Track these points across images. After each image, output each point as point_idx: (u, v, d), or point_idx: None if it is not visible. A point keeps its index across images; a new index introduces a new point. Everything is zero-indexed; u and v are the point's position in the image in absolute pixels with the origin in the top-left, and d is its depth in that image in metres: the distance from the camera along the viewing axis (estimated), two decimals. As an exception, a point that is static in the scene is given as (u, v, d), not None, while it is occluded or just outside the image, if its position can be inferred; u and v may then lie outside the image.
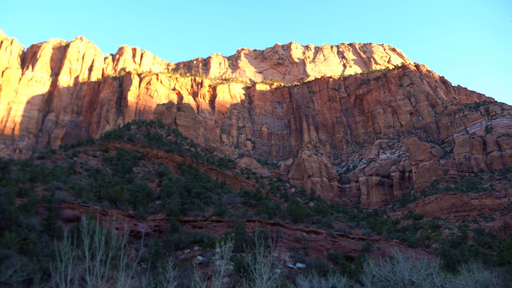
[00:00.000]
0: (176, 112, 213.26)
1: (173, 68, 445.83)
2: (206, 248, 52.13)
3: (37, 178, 70.06)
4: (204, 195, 76.82)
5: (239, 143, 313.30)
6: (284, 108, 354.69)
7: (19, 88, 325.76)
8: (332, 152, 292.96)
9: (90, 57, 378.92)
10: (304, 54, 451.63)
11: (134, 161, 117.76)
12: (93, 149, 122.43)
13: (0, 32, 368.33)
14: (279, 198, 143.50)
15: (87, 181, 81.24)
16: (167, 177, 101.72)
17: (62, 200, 57.49)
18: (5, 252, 34.95)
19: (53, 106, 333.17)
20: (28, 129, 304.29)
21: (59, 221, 52.52)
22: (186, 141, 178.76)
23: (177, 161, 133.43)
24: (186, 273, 39.79)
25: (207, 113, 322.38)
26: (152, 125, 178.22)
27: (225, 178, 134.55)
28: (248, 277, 27.95)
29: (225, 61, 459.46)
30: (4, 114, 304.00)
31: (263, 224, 61.09)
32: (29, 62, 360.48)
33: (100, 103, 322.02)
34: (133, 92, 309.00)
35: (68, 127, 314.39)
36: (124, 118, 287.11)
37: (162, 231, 61.23)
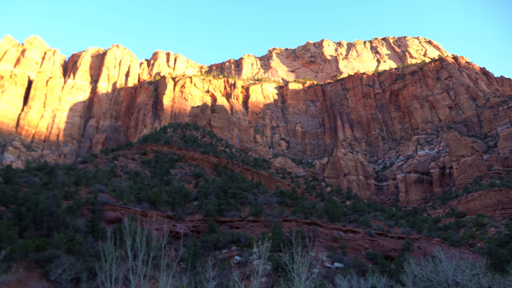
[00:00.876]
0: (210, 114, 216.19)
1: (206, 70, 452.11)
2: (244, 248, 52.55)
3: (81, 182, 73.12)
4: (240, 195, 77.45)
5: (273, 143, 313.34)
6: (317, 106, 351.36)
7: (62, 96, 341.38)
8: (368, 150, 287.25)
9: (126, 63, 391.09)
10: (336, 51, 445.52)
11: (171, 163, 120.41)
12: (132, 153, 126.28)
13: (44, 44, 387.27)
14: (315, 197, 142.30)
15: (127, 184, 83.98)
16: (203, 178, 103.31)
17: (105, 202, 59.69)
18: (54, 252, 36.74)
19: (94, 112, 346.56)
20: (71, 135, 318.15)
21: (102, 223, 54.57)
22: (221, 142, 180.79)
23: (212, 162, 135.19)
24: (225, 273, 40.32)
25: (241, 114, 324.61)
26: (187, 128, 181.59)
27: (260, 178, 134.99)
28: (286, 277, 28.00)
29: (257, 61, 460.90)
30: (49, 122, 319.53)
31: (299, 223, 60.87)
32: (70, 70, 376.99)
33: (137, 108, 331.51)
34: (168, 96, 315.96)
35: (108, 132, 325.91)
36: (160, 121, 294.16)
37: (200, 231, 62.29)
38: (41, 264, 36.40)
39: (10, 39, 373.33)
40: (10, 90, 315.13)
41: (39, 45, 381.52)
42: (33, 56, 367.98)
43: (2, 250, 29.39)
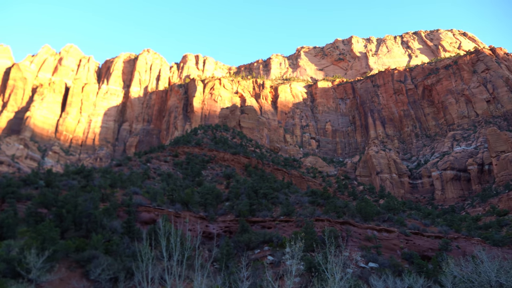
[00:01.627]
0: (239, 115, 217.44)
1: (234, 71, 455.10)
2: (276, 248, 52.51)
3: (116, 184, 75.29)
4: (271, 195, 77.47)
5: (303, 142, 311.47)
6: (347, 104, 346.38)
7: (96, 102, 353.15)
8: (400, 147, 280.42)
9: (157, 67, 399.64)
10: (365, 48, 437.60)
11: (202, 164, 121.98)
12: (164, 155, 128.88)
13: (79, 51, 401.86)
14: (347, 196, 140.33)
15: (160, 185, 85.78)
16: (234, 179, 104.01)
17: (139, 204, 61.20)
18: (93, 253, 38.02)
19: (127, 116, 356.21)
20: (106, 139, 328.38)
21: (137, 224, 55.98)
22: (251, 143, 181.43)
23: (243, 163, 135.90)
24: (258, 273, 40.41)
25: (270, 114, 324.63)
26: (217, 129, 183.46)
27: (291, 178, 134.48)
28: (319, 277, 27.75)
29: (285, 60, 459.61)
30: (85, 127, 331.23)
31: (332, 223, 60.22)
32: (104, 76, 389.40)
33: (168, 111, 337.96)
34: (198, 98, 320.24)
35: (140, 135, 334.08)
36: (191, 123, 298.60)
37: (232, 231, 62.76)
38: (81, 264, 37.76)
39: (49, 48, 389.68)
40: (49, 97, 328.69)
41: (74, 53, 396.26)
42: (69, 64, 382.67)
43: (46, 251, 30.71)
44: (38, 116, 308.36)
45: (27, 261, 29.65)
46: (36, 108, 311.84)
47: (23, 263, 30.59)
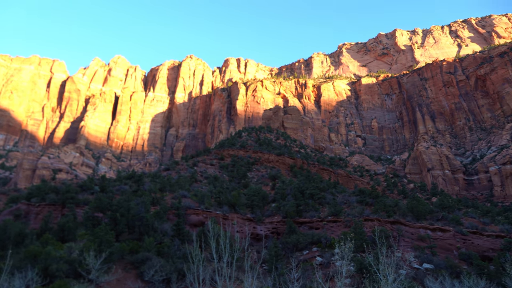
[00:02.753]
0: (283, 116, 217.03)
1: (276, 73, 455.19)
2: (325, 248, 51.80)
3: (165, 188, 77.68)
4: (318, 195, 76.59)
5: (348, 141, 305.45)
6: (393, 99, 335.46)
7: (144, 109, 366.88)
8: (453, 142, 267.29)
9: (200, 72, 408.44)
10: (410, 40, 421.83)
11: (247, 166, 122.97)
12: (210, 158, 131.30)
13: (126, 62, 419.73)
14: (396, 195, 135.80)
15: (208, 188, 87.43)
16: (280, 180, 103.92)
17: (188, 207, 62.70)
18: (146, 255, 39.42)
19: (173, 122, 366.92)
20: (154, 144, 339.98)
21: (186, 226, 57.39)
22: (295, 143, 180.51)
23: (288, 164, 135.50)
24: (307, 274, 40.03)
25: (314, 113, 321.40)
26: (261, 131, 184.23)
27: (337, 178, 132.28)
28: (371, 278, 27.00)
29: (326, 59, 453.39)
30: (134, 133, 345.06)
31: (382, 222, 58.51)
32: (150, 84, 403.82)
33: (212, 115, 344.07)
34: (241, 101, 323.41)
35: (186, 140, 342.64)
36: (235, 126, 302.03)
37: (279, 233, 62.68)
38: (135, 265, 39.27)
39: (98, 60, 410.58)
40: (101, 107, 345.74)
41: (122, 64, 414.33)
42: (117, 74, 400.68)
43: (103, 253, 32.24)
44: (92, 125, 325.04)
45: (87, 263, 31.26)
46: (89, 117, 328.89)
47: (83, 264, 32.29)
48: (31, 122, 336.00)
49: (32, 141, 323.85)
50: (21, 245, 43.21)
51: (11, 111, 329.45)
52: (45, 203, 65.12)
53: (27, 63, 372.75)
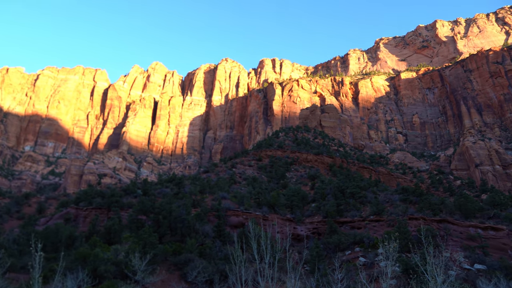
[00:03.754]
0: (320, 115, 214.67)
1: (312, 71, 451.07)
2: (368, 249, 50.57)
3: (205, 190, 78.81)
4: (358, 194, 75.02)
5: (389, 138, 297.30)
6: (436, 93, 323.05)
7: (182, 113, 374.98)
8: (503, 135, 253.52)
9: (236, 75, 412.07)
10: (452, 31, 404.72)
11: (286, 166, 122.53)
12: (248, 159, 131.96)
13: (164, 67, 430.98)
14: (442, 192, 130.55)
15: (247, 189, 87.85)
16: (319, 179, 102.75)
17: (228, 208, 63.23)
18: (189, 256, 40.06)
19: (210, 124, 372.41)
20: (193, 147, 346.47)
21: (227, 227, 57.87)
22: (334, 142, 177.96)
23: (327, 163, 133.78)
24: (350, 275, 39.19)
25: (351, 111, 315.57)
26: (298, 130, 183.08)
27: (378, 176, 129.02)
28: (418, 279, 25.98)
29: (363, 55, 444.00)
30: (174, 137, 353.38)
31: (427, 221, 56.34)
32: (187, 88, 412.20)
33: (249, 116, 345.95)
34: (277, 101, 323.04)
35: (224, 142, 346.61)
36: (272, 126, 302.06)
37: (320, 233, 61.87)
38: (178, 266, 40.02)
39: (137, 67, 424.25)
40: (141, 112, 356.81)
41: (160, 70, 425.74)
42: (156, 80, 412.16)
43: (147, 254, 33.06)
44: (133, 130, 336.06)
45: (133, 264, 32.16)
46: (130, 123, 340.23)
47: (129, 266, 33.27)
48: (77, 130, 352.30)
49: (78, 148, 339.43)
50: (72, 247, 45.20)
51: (59, 120, 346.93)
52: (92, 207, 67.92)
53: (72, 74, 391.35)
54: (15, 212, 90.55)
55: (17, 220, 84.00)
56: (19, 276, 35.47)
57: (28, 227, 63.04)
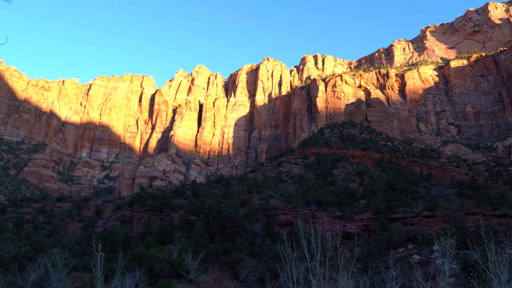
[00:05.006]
0: (366, 109, 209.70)
1: (355, 65, 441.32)
2: (422, 246, 48.80)
3: (252, 189, 79.56)
4: (410, 190, 72.55)
5: (440, 130, 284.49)
6: (490, 81, 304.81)
7: (227, 114, 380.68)
8: None
9: (278, 73, 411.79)
10: (507, 12, 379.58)
11: (332, 163, 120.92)
12: (294, 158, 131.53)
13: (207, 70, 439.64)
14: (502, 185, 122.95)
15: (294, 188, 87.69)
16: (367, 175, 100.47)
17: (276, 207, 63.47)
18: (239, 255, 40.69)
19: (255, 124, 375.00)
20: (239, 148, 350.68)
21: (275, 226, 58.10)
22: (381, 137, 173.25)
23: (375, 158, 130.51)
24: (405, 273, 38.03)
25: (399, 104, 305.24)
26: (344, 126, 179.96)
27: (430, 170, 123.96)
28: (479, 278, 24.75)
29: (408, 45, 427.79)
30: (219, 138, 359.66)
31: (487, 216, 53.46)
32: (230, 89, 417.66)
33: (293, 114, 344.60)
34: (321, 98, 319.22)
35: (269, 141, 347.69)
36: (317, 123, 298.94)
37: (371, 230, 60.52)
38: (230, 265, 40.77)
39: (182, 72, 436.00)
40: (187, 115, 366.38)
41: (203, 72, 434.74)
42: (200, 83, 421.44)
43: (199, 254, 33.98)
44: (180, 133, 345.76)
45: (186, 264, 33.20)
46: (177, 126, 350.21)
47: (182, 265, 34.37)
48: (128, 135, 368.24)
49: (130, 152, 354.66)
50: (128, 248, 47.35)
51: (111, 127, 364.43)
52: (145, 209, 70.77)
53: (121, 81, 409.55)
54: (76, 215, 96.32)
55: (78, 223, 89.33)
56: (82, 275, 37.74)
57: (88, 229, 66.84)
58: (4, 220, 79.14)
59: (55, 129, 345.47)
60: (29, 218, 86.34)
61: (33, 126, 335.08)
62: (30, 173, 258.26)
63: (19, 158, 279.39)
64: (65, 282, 27.00)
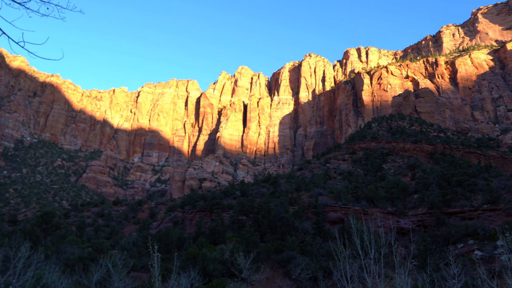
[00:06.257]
0: (414, 100, 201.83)
1: (401, 56, 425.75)
2: (483, 241, 46.12)
3: (301, 187, 79.10)
4: (467, 182, 68.85)
5: (497, 117, 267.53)
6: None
7: (271, 113, 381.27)
8: None
9: (321, 69, 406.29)
10: None
11: (382, 158, 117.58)
12: (341, 154, 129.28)
13: (249, 71, 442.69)
14: None
15: (342, 184, 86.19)
16: (419, 169, 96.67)
17: (326, 204, 62.67)
18: (290, 254, 40.60)
19: (300, 122, 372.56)
20: (285, 146, 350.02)
21: (325, 224, 57.39)
22: (432, 128, 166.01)
23: (427, 151, 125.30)
24: (466, 270, 36.13)
25: (450, 92, 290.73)
26: (392, 119, 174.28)
27: (489, 160, 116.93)
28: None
29: (458, 30, 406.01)
30: (265, 138, 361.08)
31: (556, 208, 49.58)
32: (273, 88, 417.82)
33: (338, 109, 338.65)
34: (366, 91, 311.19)
35: (315, 138, 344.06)
36: (363, 118, 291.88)
37: (426, 225, 58.14)
38: (281, 264, 40.76)
39: (225, 74, 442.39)
40: (232, 116, 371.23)
41: (246, 73, 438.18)
42: (243, 84, 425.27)
43: (251, 253, 34.27)
44: (226, 134, 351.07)
45: (238, 263, 33.61)
46: (223, 128, 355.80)
47: (235, 264, 34.84)
48: (176, 139, 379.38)
49: (179, 156, 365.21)
50: (182, 248, 48.75)
51: (160, 131, 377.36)
52: (196, 210, 72.53)
53: (167, 87, 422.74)
54: (132, 218, 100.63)
55: (133, 225, 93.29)
56: (141, 274, 39.33)
57: (143, 230, 69.59)
58: (68, 224, 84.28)
59: (109, 136, 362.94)
60: (89, 221, 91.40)
61: (89, 134, 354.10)
62: (88, 179, 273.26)
63: (78, 166, 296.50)
64: (125, 282, 28.28)
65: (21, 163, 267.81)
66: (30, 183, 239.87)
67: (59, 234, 63.18)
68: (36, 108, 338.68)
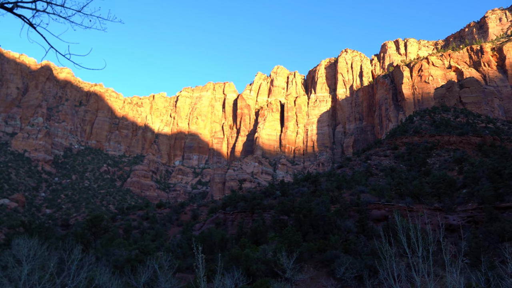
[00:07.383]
0: (459, 91, 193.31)
1: (442, 45, 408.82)
2: (542, 237, 43.36)
3: (342, 185, 77.87)
4: (520, 175, 65.00)
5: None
6: None
7: (309, 111, 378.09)
8: None
9: (358, 64, 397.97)
10: None
11: (426, 152, 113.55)
12: (382, 150, 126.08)
13: (285, 70, 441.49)
14: None
15: (385, 181, 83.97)
16: (467, 162, 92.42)
17: (368, 202, 61.30)
18: (334, 253, 39.99)
19: (338, 119, 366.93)
20: (324, 144, 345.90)
21: (369, 221, 56.09)
22: (480, 119, 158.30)
23: (474, 143, 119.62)
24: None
25: (498, 80, 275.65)
26: (435, 112, 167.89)
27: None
28: None
29: (505, 13, 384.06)
30: (303, 136, 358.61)
31: None
32: (310, 86, 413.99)
33: (378, 104, 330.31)
34: (407, 84, 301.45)
35: (355, 134, 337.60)
36: (404, 112, 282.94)
37: (477, 221, 55.50)
38: (325, 263, 40.25)
39: (260, 74, 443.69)
40: (269, 116, 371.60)
41: (282, 72, 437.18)
42: (279, 83, 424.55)
43: (293, 253, 34.09)
44: (264, 135, 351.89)
45: (281, 263, 33.53)
46: (261, 128, 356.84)
47: (278, 264, 34.78)
48: (215, 141, 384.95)
49: (218, 158, 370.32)
50: (224, 249, 49.30)
51: (199, 134, 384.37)
52: (237, 211, 73.16)
53: (204, 90, 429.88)
54: (175, 220, 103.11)
55: (177, 227, 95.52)
56: (186, 275, 40.17)
57: (186, 232, 71.09)
58: (116, 227, 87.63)
59: (150, 141, 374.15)
60: (135, 224, 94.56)
61: (131, 140, 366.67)
62: (133, 183, 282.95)
63: (122, 171, 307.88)
64: (171, 283, 28.97)
65: (70, 170, 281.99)
66: (79, 188, 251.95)
67: (107, 237, 65.81)
68: (82, 116, 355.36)
